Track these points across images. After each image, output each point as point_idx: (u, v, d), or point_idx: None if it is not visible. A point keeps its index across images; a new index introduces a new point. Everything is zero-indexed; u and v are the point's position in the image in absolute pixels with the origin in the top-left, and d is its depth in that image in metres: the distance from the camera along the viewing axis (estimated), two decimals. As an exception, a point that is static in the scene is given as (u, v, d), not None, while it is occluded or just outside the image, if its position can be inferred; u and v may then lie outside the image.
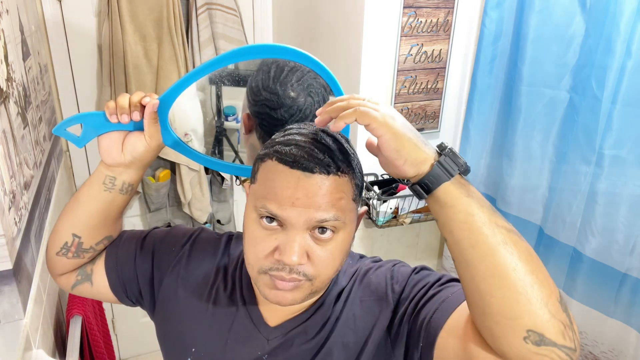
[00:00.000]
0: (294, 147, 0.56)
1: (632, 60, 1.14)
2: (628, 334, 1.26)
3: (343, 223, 0.57)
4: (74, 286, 0.75)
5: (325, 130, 0.59)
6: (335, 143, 0.58)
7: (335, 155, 0.56)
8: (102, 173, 0.69)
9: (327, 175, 0.55)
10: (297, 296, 0.59)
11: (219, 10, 1.78)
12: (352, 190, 0.58)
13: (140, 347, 2.27)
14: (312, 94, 0.73)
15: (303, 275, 0.58)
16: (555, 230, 1.38)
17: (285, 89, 0.71)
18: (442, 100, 1.56)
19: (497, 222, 0.51)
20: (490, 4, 1.43)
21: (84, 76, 1.78)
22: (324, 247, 0.58)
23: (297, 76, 0.72)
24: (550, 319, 0.48)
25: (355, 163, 0.59)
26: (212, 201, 2.05)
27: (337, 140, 0.59)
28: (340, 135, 0.60)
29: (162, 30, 1.72)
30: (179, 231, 0.76)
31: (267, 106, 0.71)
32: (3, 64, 0.90)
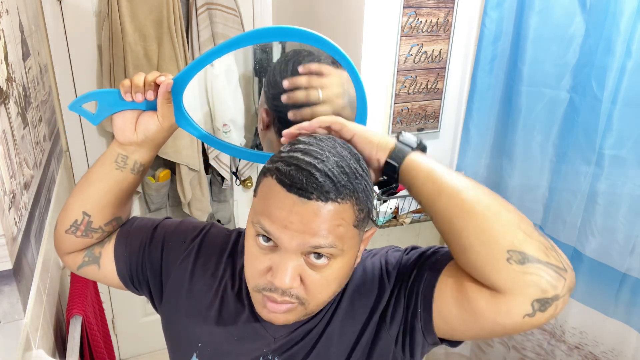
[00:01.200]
0: (294, 168, 0.53)
1: (632, 60, 1.14)
2: (628, 334, 1.26)
3: (340, 250, 0.55)
4: (80, 267, 0.75)
5: (334, 149, 0.56)
6: (340, 165, 0.54)
7: (337, 180, 0.53)
8: (114, 151, 0.70)
9: (325, 202, 0.53)
10: (289, 318, 0.59)
11: (219, 10, 1.78)
12: (353, 216, 0.55)
13: (140, 347, 2.27)
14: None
15: (296, 299, 0.57)
16: (555, 230, 1.38)
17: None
18: (442, 100, 1.56)
19: (457, 174, 0.58)
20: (490, 4, 1.43)
21: (84, 76, 1.78)
22: (319, 272, 0.56)
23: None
24: (526, 238, 0.53)
25: (361, 187, 0.56)
26: (212, 201, 2.05)
27: (344, 161, 0.55)
28: (350, 155, 0.57)
29: (162, 30, 1.72)
30: (190, 224, 0.76)
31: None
32: (3, 64, 0.90)
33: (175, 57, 1.74)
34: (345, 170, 0.55)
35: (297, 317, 0.59)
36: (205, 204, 1.95)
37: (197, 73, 0.69)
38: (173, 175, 1.93)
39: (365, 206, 0.57)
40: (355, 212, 0.55)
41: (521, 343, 1.53)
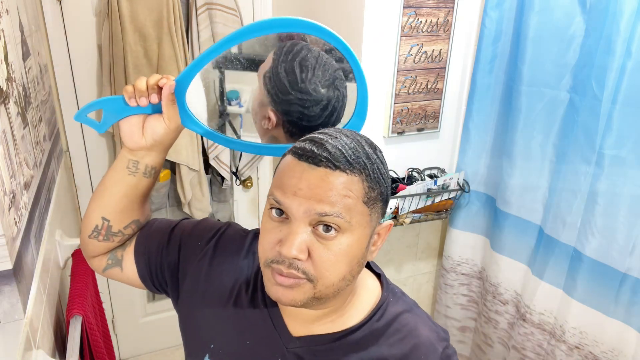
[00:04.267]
0: (309, 142, 0.57)
1: (632, 60, 1.14)
2: (628, 334, 1.26)
3: (348, 223, 0.55)
4: (105, 269, 0.78)
5: (352, 135, 0.59)
6: (353, 146, 0.57)
7: (347, 154, 0.55)
8: (125, 157, 0.71)
9: (333, 170, 0.54)
10: (296, 296, 0.57)
11: (219, 10, 1.78)
12: (362, 191, 0.56)
13: (140, 347, 2.27)
14: (338, 86, 0.77)
15: (303, 273, 0.56)
16: (555, 230, 1.38)
17: (315, 87, 0.73)
18: (442, 100, 1.55)
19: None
20: (490, 4, 1.43)
21: (84, 76, 1.78)
22: (327, 246, 0.56)
23: (322, 70, 0.74)
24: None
25: (373, 168, 0.57)
26: (212, 201, 2.05)
27: (359, 144, 0.58)
28: (368, 144, 0.59)
29: (162, 30, 1.72)
30: (207, 225, 0.77)
31: (299, 105, 0.73)
32: (3, 64, 0.90)
33: (175, 57, 1.74)
34: (358, 150, 0.57)
35: (305, 297, 0.57)
36: (205, 204, 1.95)
37: (198, 72, 0.69)
38: (173, 175, 1.93)
39: (377, 187, 0.57)
40: (365, 188, 0.56)
41: (521, 343, 1.53)
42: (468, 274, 1.74)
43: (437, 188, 1.55)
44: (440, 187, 1.55)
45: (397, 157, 1.59)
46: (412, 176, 1.61)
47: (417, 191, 1.50)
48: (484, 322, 1.70)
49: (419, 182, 1.53)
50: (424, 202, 1.55)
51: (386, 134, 1.52)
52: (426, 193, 1.52)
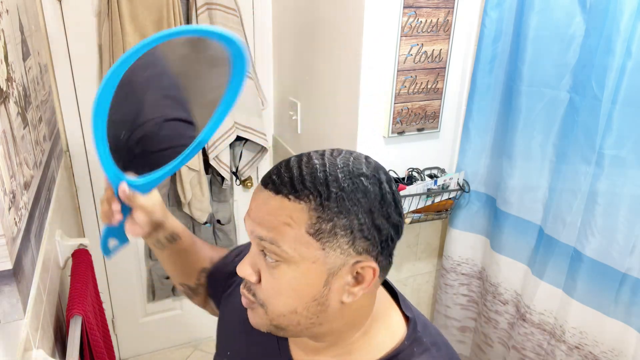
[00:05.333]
0: (276, 166, 0.56)
1: (632, 60, 1.14)
2: (628, 334, 1.26)
3: (285, 252, 0.52)
4: (205, 308, 0.91)
5: (344, 160, 0.53)
6: (321, 171, 0.51)
7: (298, 178, 0.51)
8: (149, 242, 0.81)
9: (275, 194, 0.52)
10: (255, 319, 0.58)
11: (219, 10, 1.78)
12: (306, 220, 0.50)
13: (140, 347, 2.27)
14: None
15: (253, 295, 0.57)
16: (555, 230, 1.38)
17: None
18: (442, 100, 1.56)
19: None
20: (490, 4, 1.43)
21: (84, 76, 1.79)
22: (272, 274, 0.54)
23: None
24: None
25: (336, 197, 0.50)
26: (212, 201, 2.05)
27: (335, 171, 0.52)
28: (359, 173, 0.52)
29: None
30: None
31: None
32: (3, 64, 0.90)
33: (175, 57, 1.74)
34: (322, 177, 0.51)
35: (263, 322, 0.57)
36: (205, 204, 1.95)
37: (104, 137, 0.66)
38: (173, 175, 1.93)
39: (336, 219, 0.51)
40: (312, 218, 0.50)
41: (521, 343, 1.53)
42: (468, 274, 1.74)
43: (437, 188, 1.55)
44: (440, 187, 1.56)
45: (397, 157, 1.59)
46: (412, 176, 1.61)
47: (417, 191, 1.50)
48: (484, 322, 1.70)
49: (419, 182, 1.53)
50: (424, 202, 1.55)
51: (386, 134, 1.52)
52: (426, 193, 1.52)
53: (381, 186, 0.52)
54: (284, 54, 1.98)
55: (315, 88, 1.74)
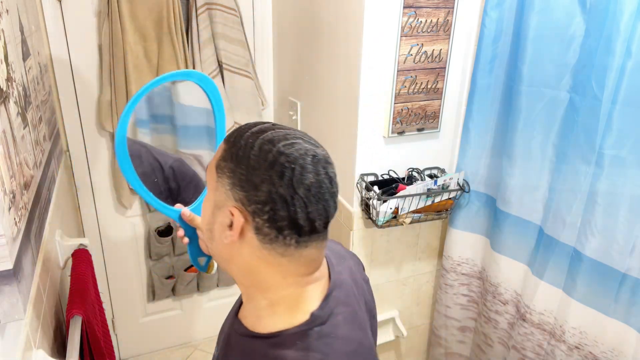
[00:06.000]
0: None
1: (632, 60, 1.14)
2: (628, 334, 1.26)
3: (206, 176, 0.69)
4: None
5: (295, 132, 0.65)
6: (249, 126, 0.66)
7: (236, 131, 0.66)
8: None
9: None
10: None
11: (219, 10, 1.78)
12: (218, 157, 0.65)
13: (140, 347, 2.27)
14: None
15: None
16: (555, 230, 1.38)
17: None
18: (442, 100, 1.55)
19: None
20: (490, 4, 1.43)
21: (84, 76, 1.79)
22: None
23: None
24: None
25: (235, 146, 0.63)
26: (212, 201, 2.05)
27: (251, 127, 0.66)
28: (267, 130, 0.64)
29: (162, 30, 1.72)
30: None
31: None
32: (3, 64, 0.90)
33: (175, 57, 1.74)
34: (244, 129, 0.65)
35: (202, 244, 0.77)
36: (205, 204, 1.96)
37: (146, 190, 0.88)
38: (173, 175, 1.93)
39: (231, 164, 0.62)
40: (221, 155, 0.65)
41: (521, 343, 1.53)
42: (468, 274, 1.74)
43: (437, 188, 1.55)
44: (440, 187, 1.55)
45: (397, 157, 1.59)
46: (412, 176, 1.61)
47: (417, 191, 1.50)
48: (484, 322, 1.70)
49: (419, 182, 1.53)
50: (424, 202, 1.55)
51: (386, 134, 1.52)
52: (426, 193, 1.52)
53: (280, 159, 0.60)
54: (284, 54, 1.98)
55: (315, 88, 1.74)
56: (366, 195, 1.53)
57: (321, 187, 0.61)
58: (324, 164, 0.62)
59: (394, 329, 1.87)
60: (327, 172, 0.62)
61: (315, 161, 0.61)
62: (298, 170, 0.59)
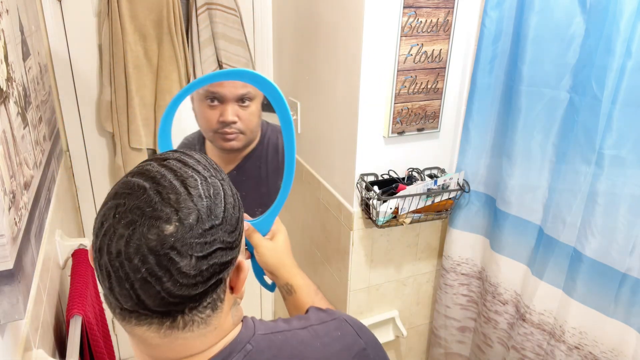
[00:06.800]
0: None
1: (632, 60, 1.14)
2: (628, 334, 1.26)
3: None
4: None
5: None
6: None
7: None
8: (280, 289, 0.89)
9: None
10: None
11: (219, 10, 1.78)
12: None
13: (140, 347, 2.27)
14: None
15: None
16: (555, 230, 1.38)
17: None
18: (442, 100, 1.55)
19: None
20: (490, 4, 1.43)
21: (84, 76, 1.79)
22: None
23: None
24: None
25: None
26: (212, 201, 2.05)
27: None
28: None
29: (162, 30, 1.72)
30: None
31: None
32: (3, 64, 0.90)
33: (175, 57, 1.74)
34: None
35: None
36: (205, 204, 1.96)
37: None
38: (173, 175, 1.93)
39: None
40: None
41: (521, 343, 1.53)
42: (468, 274, 1.74)
43: (437, 188, 1.55)
44: (440, 187, 1.56)
45: (397, 157, 1.59)
46: (412, 176, 1.61)
47: (417, 191, 1.50)
48: (484, 322, 1.70)
49: (419, 182, 1.53)
50: (424, 202, 1.55)
51: (386, 134, 1.52)
52: (426, 193, 1.52)
53: (101, 209, 0.52)
54: (284, 54, 1.98)
55: (315, 88, 1.74)
56: (366, 195, 1.53)
57: (121, 267, 0.47)
58: (160, 237, 0.46)
59: (394, 329, 1.87)
60: (157, 249, 0.46)
61: (136, 225, 0.46)
62: (105, 226, 0.48)
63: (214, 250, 0.50)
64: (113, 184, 0.53)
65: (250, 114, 0.94)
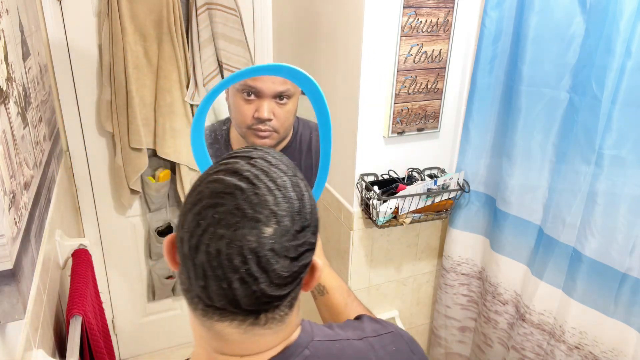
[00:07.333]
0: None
1: (632, 60, 1.14)
2: (628, 334, 1.26)
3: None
4: None
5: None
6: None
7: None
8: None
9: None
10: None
11: (219, 10, 1.78)
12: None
13: (140, 347, 2.27)
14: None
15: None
16: (555, 230, 1.38)
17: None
18: (442, 100, 1.55)
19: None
20: (490, 4, 1.43)
21: (84, 76, 1.79)
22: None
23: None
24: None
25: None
26: (212, 201, 2.05)
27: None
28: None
29: (162, 30, 1.72)
30: None
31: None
32: (3, 64, 0.90)
33: (175, 57, 1.74)
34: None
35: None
36: (205, 204, 1.96)
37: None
38: (173, 175, 1.93)
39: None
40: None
41: (521, 343, 1.53)
42: (468, 274, 1.74)
43: (437, 188, 1.55)
44: (440, 187, 1.56)
45: (397, 157, 1.59)
46: (412, 176, 1.61)
47: (417, 191, 1.50)
48: (484, 322, 1.70)
49: (419, 182, 1.53)
50: (424, 202, 1.55)
51: (386, 134, 1.52)
52: (426, 193, 1.52)
53: (192, 210, 0.50)
54: (284, 53, 1.98)
55: (315, 88, 1.74)
56: (366, 195, 1.53)
57: (219, 266, 0.47)
58: (260, 238, 0.47)
59: (394, 329, 1.87)
60: (257, 250, 0.47)
61: (237, 226, 0.47)
62: (202, 227, 0.48)
63: (304, 251, 0.51)
64: (113, 184, 0.53)
65: (287, 112, 0.91)
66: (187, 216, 0.49)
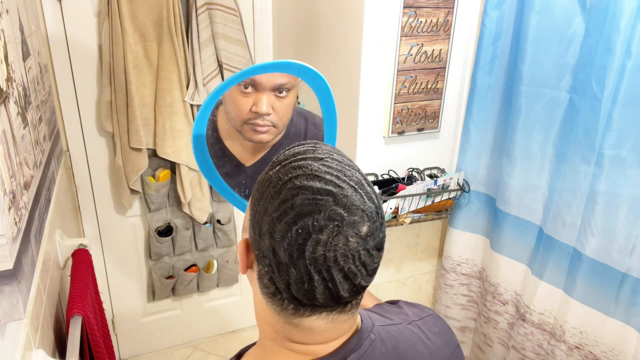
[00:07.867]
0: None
1: (632, 60, 1.14)
2: (628, 334, 1.26)
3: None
4: None
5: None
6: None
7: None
8: None
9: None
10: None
11: (219, 10, 1.78)
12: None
13: (140, 347, 2.27)
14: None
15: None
16: (555, 230, 1.38)
17: None
18: (442, 100, 1.56)
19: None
20: (490, 4, 1.43)
21: (84, 76, 1.78)
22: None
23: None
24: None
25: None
26: (212, 201, 2.05)
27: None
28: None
29: (162, 30, 1.72)
30: None
31: None
32: (3, 64, 0.90)
33: (175, 57, 1.74)
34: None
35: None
36: (205, 203, 1.95)
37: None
38: (173, 175, 1.93)
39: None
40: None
41: (521, 343, 1.53)
42: (468, 274, 1.74)
43: (437, 188, 1.55)
44: (440, 187, 1.55)
45: (397, 157, 1.59)
46: (412, 176, 1.61)
47: (417, 191, 1.50)
48: (484, 322, 1.70)
49: (419, 182, 1.53)
50: (424, 202, 1.55)
51: (386, 134, 1.52)
52: (426, 193, 1.52)
53: (289, 213, 0.50)
54: (284, 54, 1.98)
55: (315, 88, 1.74)
56: (366, 195, 1.53)
57: (326, 270, 0.48)
58: (358, 238, 0.49)
59: (394, 329, 1.87)
60: (357, 249, 0.49)
61: (339, 230, 0.48)
62: (302, 235, 0.48)
63: (384, 242, 0.55)
64: (113, 184, 0.53)
65: (286, 105, 0.88)
66: (276, 225, 0.49)
